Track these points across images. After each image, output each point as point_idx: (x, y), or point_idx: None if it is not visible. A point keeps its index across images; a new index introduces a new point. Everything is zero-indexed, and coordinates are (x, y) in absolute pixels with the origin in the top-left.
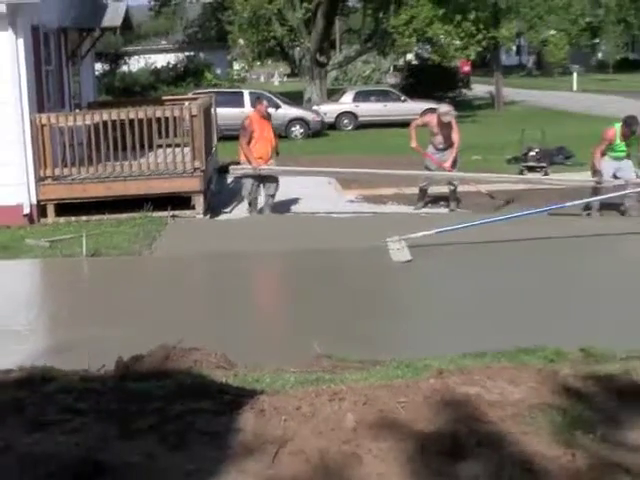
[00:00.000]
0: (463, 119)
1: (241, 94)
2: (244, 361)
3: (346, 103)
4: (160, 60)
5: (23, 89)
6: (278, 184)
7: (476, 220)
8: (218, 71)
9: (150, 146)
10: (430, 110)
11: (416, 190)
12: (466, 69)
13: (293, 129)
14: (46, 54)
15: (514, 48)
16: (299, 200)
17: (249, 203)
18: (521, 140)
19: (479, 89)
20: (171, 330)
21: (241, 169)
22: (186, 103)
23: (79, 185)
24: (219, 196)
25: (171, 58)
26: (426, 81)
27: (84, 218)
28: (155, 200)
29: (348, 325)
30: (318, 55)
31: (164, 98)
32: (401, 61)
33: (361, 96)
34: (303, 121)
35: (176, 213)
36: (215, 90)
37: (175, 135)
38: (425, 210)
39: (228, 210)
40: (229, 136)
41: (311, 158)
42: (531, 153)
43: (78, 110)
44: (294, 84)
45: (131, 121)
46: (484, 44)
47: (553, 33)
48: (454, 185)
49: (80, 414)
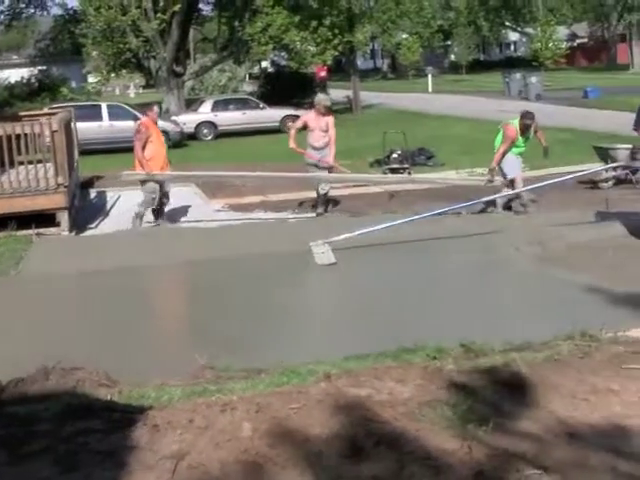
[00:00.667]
0: None
1: (99, 107)
2: (126, 378)
3: (205, 113)
4: (13, 75)
5: None
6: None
7: (394, 220)
8: (73, 84)
9: (11, 163)
10: (291, 117)
11: (282, 197)
12: (322, 74)
13: None
14: None
15: (369, 52)
16: (165, 211)
17: (154, 215)
18: (383, 143)
19: (336, 94)
20: (48, 350)
21: (134, 175)
22: (43, 118)
23: None
24: (83, 212)
25: (24, 73)
26: (283, 88)
27: None
28: (19, 218)
29: (230, 335)
30: (174, 65)
31: (21, 114)
32: (256, 69)
33: (220, 105)
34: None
35: (41, 231)
36: (72, 104)
37: (36, 151)
38: (292, 215)
39: (94, 226)
40: (88, 150)
41: (173, 169)
42: (393, 155)
43: None
44: (150, 95)
45: None
46: (340, 49)
47: (406, 36)
48: (325, 189)
49: None
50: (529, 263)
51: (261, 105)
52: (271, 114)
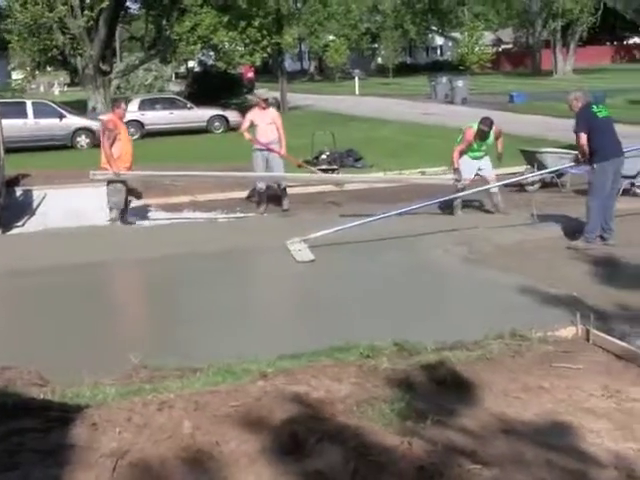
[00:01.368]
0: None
1: (24, 104)
2: (58, 377)
3: (132, 112)
4: None
5: None
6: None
7: (368, 218)
8: None
9: None
10: (218, 117)
11: (211, 197)
12: (250, 75)
13: (79, 139)
14: None
15: (296, 54)
16: (88, 212)
17: (119, 214)
18: (312, 144)
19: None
20: None
21: (102, 174)
22: None
23: None
24: (9, 210)
25: None
26: (210, 88)
27: None
28: None
29: (164, 333)
30: (101, 63)
31: None
32: (183, 68)
33: (147, 104)
34: (89, 131)
35: None
36: None
37: None
38: (222, 215)
39: (20, 224)
40: (13, 149)
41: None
42: (322, 156)
43: None
44: (76, 93)
45: None
46: (269, 50)
47: (333, 38)
48: (281, 184)
49: None
50: (457, 264)
51: (188, 105)
52: (198, 114)
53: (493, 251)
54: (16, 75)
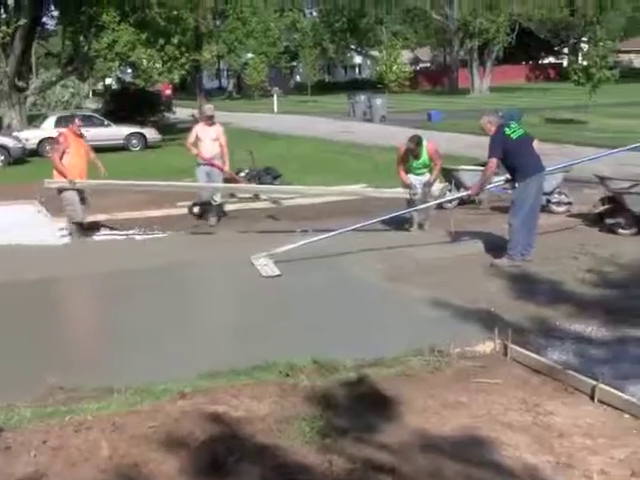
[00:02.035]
0: (168, 142)
1: None
2: None
3: (48, 129)
4: None
5: None
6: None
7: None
8: None
9: None
10: (136, 134)
11: (127, 216)
12: (168, 93)
13: None
14: None
15: (214, 71)
16: (11, 230)
17: (77, 227)
18: (231, 161)
19: (182, 112)
20: None
21: (55, 182)
22: None
23: None
24: None
25: None
26: (128, 105)
27: None
28: None
29: (81, 354)
30: (17, 80)
31: None
32: (100, 85)
33: (63, 121)
34: (4, 148)
35: None
36: None
37: None
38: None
39: None
40: None
41: (14, 186)
42: (241, 174)
43: None
44: None
45: None
46: (187, 67)
47: (252, 56)
48: (216, 200)
49: None
50: (377, 281)
51: (106, 122)
52: (116, 131)
53: (413, 268)
54: None
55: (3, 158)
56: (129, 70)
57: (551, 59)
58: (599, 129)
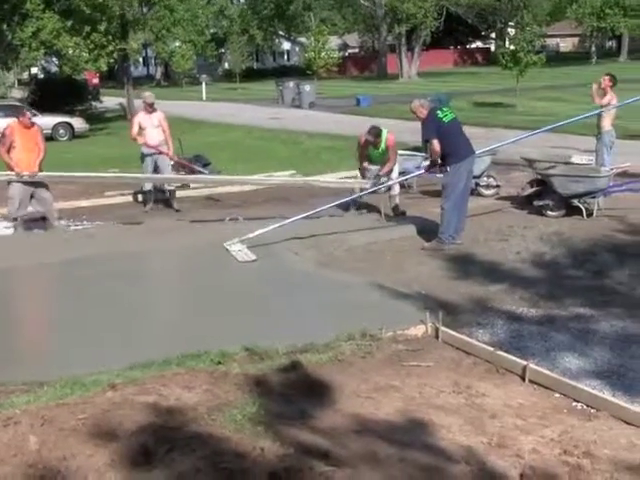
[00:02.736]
0: (96, 132)
1: None
2: None
3: None
4: None
5: None
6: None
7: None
8: None
9: None
10: (63, 124)
11: (75, 205)
12: (95, 81)
13: None
14: None
15: (141, 59)
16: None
17: (14, 219)
18: None
19: (109, 101)
20: None
21: (4, 175)
22: None
23: None
24: None
25: None
26: (55, 95)
27: None
28: None
29: (10, 347)
30: None
31: None
32: (25, 75)
33: None
34: None
35: None
36: None
37: None
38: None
39: None
40: None
41: None
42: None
43: None
44: None
45: None
46: (114, 56)
47: (180, 44)
48: (172, 187)
49: None
50: (309, 267)
51: (32, 112)
52: (43, 121)
53: (343, 254)
54: None
55: None
56: (55, 59)
57: (479, 44)
58: (527, 112)
